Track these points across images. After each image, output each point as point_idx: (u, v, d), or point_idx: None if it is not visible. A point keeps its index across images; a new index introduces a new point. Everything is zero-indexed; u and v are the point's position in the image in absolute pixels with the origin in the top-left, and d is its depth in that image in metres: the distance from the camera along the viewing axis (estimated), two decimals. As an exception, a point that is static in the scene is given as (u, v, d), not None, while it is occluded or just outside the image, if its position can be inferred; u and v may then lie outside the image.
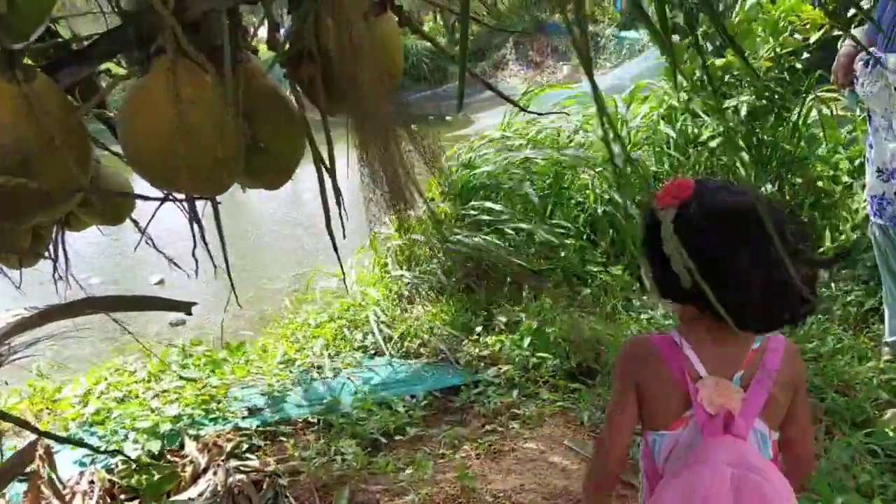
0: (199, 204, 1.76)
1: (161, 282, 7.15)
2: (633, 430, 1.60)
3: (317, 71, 1.62)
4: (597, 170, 4.89)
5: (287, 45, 1.63)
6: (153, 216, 2.14)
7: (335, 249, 1.70)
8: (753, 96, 4.51)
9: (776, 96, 4.57)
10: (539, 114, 1.98)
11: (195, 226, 1.74)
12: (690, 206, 1.44)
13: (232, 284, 1.91)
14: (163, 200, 1.60)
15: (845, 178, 4.57)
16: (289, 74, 1.64)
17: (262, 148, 1.70)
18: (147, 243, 2.73)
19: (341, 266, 1.84)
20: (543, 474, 3.07)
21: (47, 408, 4.04)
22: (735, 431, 1.43)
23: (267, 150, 1.70)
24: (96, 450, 2.88)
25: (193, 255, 1.88)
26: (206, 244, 1.84)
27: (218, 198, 1.71)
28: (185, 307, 2.88)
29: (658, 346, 1.55)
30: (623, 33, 19.67)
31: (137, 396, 3.90)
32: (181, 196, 1.89)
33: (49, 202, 1.45)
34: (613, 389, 1.68)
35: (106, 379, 4.09)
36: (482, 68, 19.10)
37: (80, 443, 2.59)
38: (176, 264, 2.73)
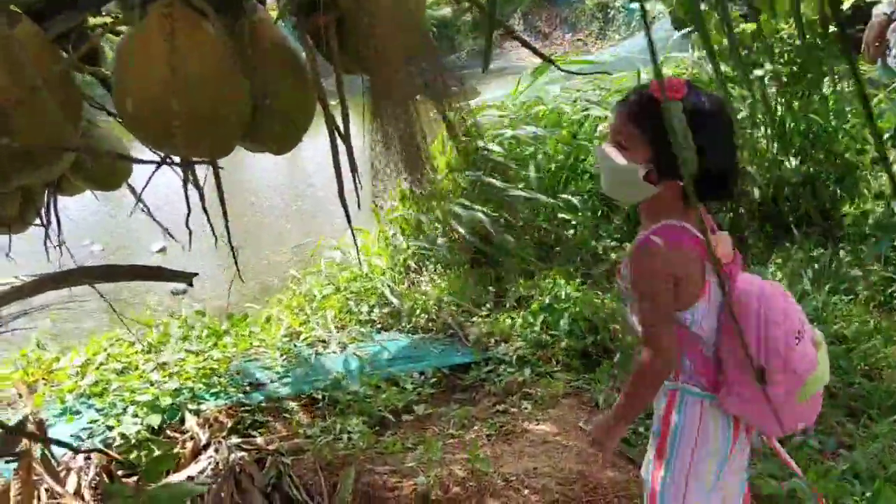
0: (200, 170, 1.62)
1: (163, 249, 7.01)
2: None
3: (331, 21, 1.46)
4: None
5: (298, -8, 1.48)
6: (148, 181, 2.00)
7: (348, 219, 1.55)
8: (783, 65, 4.31)
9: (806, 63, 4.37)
10: (576, 73, 1.83)
11: (196, 192, 1.60)
12: (684, 101, 1.71)
13: (234, 254, 1.78)
14: (159, 164, 1.45)
15: (873, 153, 4.40)
16: (298, 24, 1.49)
17: (270, 107, 1.55)
18: (142, 210, 2.60)
19: (353, 236, 1.70)
20: (557, 457, 2.95)
21: (43, 378, 3.92)
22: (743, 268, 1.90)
23: (274, 110, 1.55)
24: (75, 449, 2.75)
25: (187, 224, 1.74)
26: (206, 212, 1.71)
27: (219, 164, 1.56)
28: (186, 277, 2.75)
29: (680, 235, 1.76)
30: (632, 4, 19.25)
31: (137, 368, 3.78)
32: (179, 159, 1.75)
33: (33, 162, 1.30)
34: (650, 289, 1.78)
35: (105, 350, 3.96)
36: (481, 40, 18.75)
37: (60, 442, 2.44)
38: (171, 235, 2.58)
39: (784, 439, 2.02)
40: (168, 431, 3.25)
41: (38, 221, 2.53)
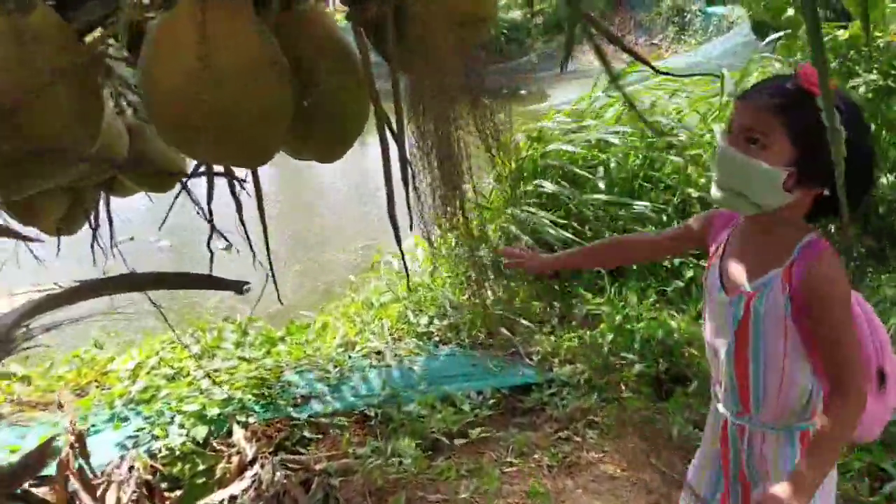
0: (263, 172, 1.46)
1: (228, 247, 6.97)
2: None
3: (387, 13, 1.27)
4: (690, 153, 4.43)
5: (351, -23, 1.28)
6: (209, 197, 1.87)
7: (396, 234, 1.36)
8: (877, 75, 3.96)
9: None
10: (676, 75, 1.63)
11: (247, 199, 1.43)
12: (839, 101, 1.49)
13: (269, 263, 1.62)
14: (189, 176, 1.28)
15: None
16: (351, 16, 1.30)
17: (316, 107, 1.37)
18: (197, 213, 2.46)
19: (401, 252, 1.50)
20: (625, 497, 2.70)
21: (96, 380, 3.86)
22: None
23: (322, 111, 1.36)
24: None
25: (245, 228, 1.59)
26: (261, 214, 1.55)
27: (278, 165, 1.39)
28: (237, 286, 2.59)
29: (835, 253, 1.54)
30: (710, 9, 18.73)
31: (188, 375, 3.67)
32: (219, 168, 1.58)
33: (43, 166, 1.15)
34: (845, 317, 1.52)
35: (157, 353, 3.88)
36: (558, 42, 18.44)
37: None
38: (226, 238, 2.49)
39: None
40: (214, 444, 3.12)
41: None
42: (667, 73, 1.30)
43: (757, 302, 1.57)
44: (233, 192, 1.77)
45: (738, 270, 1.63)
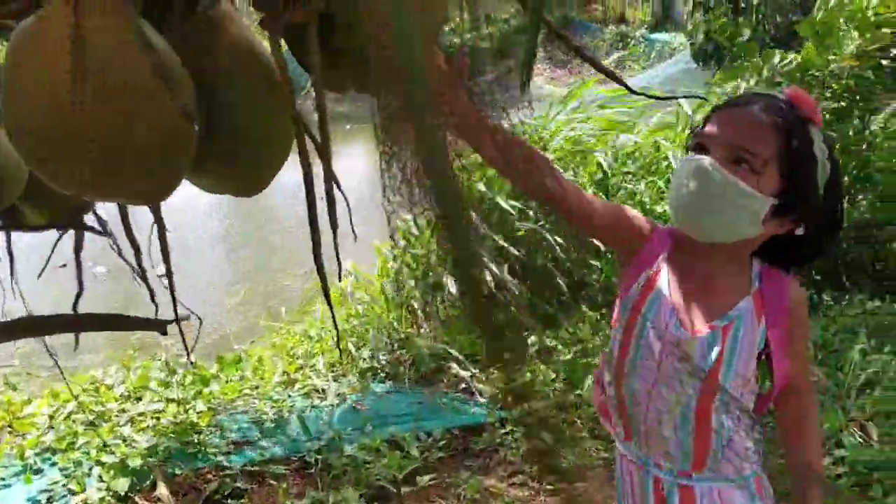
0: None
1: (168, 274, 6.63)
2: None
3: (310, 18, 1.07)
4: (649, 179, 4.32)
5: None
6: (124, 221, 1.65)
7: (324, 283, 1.15)
8: (830, 99, 3.91)
9: (857, 98, 3.96)
10: (652, 97, 1.47)
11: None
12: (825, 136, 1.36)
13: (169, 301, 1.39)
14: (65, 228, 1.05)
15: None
16: (266, 24, 1.09)
17: (227, 130, 1.16)
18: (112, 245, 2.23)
19: (330, 305, 1.29)
20: (586, 549, 2.51)
21: (9, 426, 3.52)
22: None
23: (233, 136, 1.15)
24: None
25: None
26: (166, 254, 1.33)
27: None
28: (158, 326, 2.37)
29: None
30: (654, 35, 19.03)
31: (110, 420, 3.37)
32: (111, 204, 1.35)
33: None
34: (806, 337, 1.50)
35: (77, 398, 3.56)
36: (507, 67, 18.47)
37: None
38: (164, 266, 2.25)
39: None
40: (137, 498, 2.84)
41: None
42: (643, 94, 1.12)
43: (731, 340, 1.37)
44: (159, 220, 1.51)
45: (696, 307, 1.41)
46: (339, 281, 3.98)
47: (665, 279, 1.44)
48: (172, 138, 0.97)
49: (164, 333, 2.34)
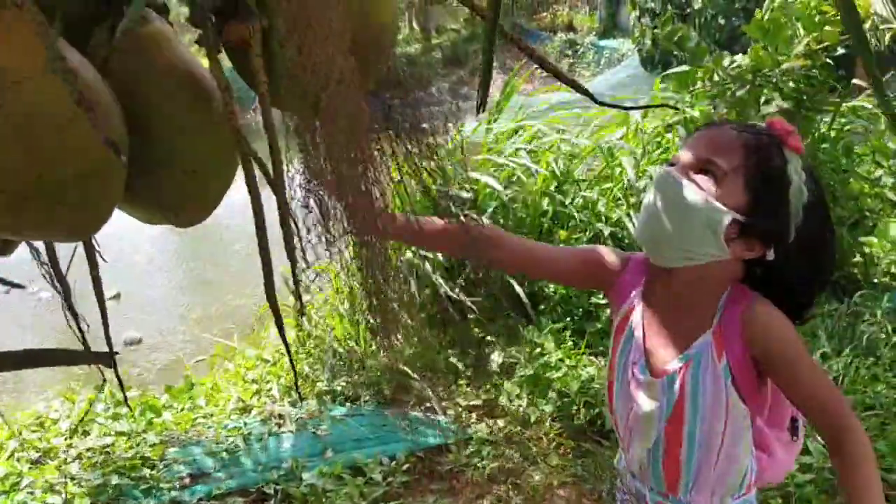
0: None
1: (117, 296, 6.46)
2: None
3: (253, 34, 0.98)
4: (604, 186, 4.29)
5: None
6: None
7: (278, 321, 1.06)
8: (781, 100, 3.92)
9: (804, 98, 3.98)
10: (623, 107, 1.43)
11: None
12: (805, 162, 1.30)
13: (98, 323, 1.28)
14: None
15: (890, 195, 4.01)
16: (203, 41, 1.00)
17: (161, 161, 1.06)
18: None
19: (286, 344, 1.19)
20: (558, 573, 2.44)
21: (-53, 467, 3.33)
22: None
23: (168, 162, 1.05)
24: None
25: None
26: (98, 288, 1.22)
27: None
28: (102, 359, 2.23)
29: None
30: (602, 42, 19.25)
31: (56, 457, 3.21)
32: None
33: None
34: (808, 356, 1.30)
35: (19, 434, 3.38)
36: (459, 76, 18.50)
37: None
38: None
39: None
40: (85, 541, 2.69)
41: None
42: (610, 105, 1.06)
43: (691, 380, 1.32)
44: (89, 252, 1.40)
45: (663, 344, 1.38)
46: (303, 317, 3.87)
47: (638, 317, 1.42)
48: (95, 172, 0.88)
49: (111, 366, 2.21)
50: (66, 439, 3.33)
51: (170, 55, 1.06)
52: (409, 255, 3.85)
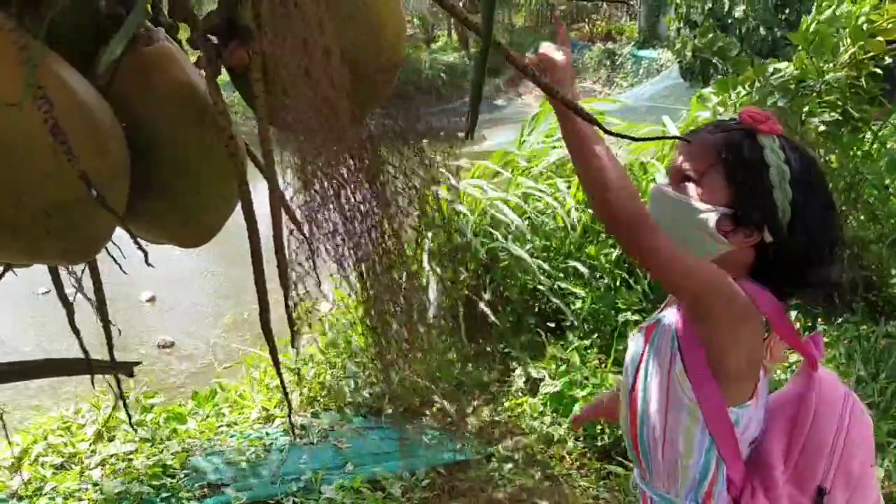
0: None
1: (152, 299, 6.55)
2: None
3: (252, 57, 0.96)
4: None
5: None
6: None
7: (272, 350, 1.03)
8: (827, 110, 3.81)
9: (849, 109, 3.87)
10: (632, 138, 1.38)
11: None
12: (784, 143, 1.32)
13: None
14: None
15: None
16: (202, 63, 0.98)
17: (164, 184, 1.05)
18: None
19: (279, 373, 1.17)
20: None
21: (-24, 469, 3.37)
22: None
23: (167, 190, 1.04)
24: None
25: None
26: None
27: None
28: (124, 368, 2.24)
29: (758, 290, 1.29)
30: (641, 52, 19.09)
31: (81, 462, 3.23)
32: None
33: None
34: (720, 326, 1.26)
35: (45, 438, 3.41)
36: (496, 85, 18.47)
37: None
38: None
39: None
40: (104, 549, 2.70)
41: None
42: (612, 133, 1.02)
43: (652, 337, 1.37)
44: (94, 274, 1.40)
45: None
46: (295, 350, 3.85)
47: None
48: (79, 200, 0.86)
49: (131, 376, 2.22)
50: (90, 445, 3.36)
51: (174, 75, 1.05)
52: (431, 268, 3.82)
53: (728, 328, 1.25)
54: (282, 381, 1.10)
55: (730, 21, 12.31)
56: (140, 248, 1.01)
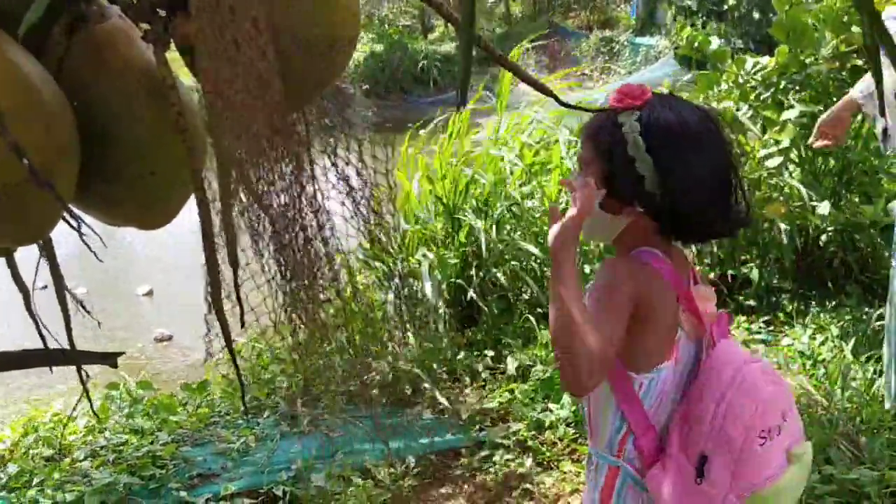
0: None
1: (150, 292, 6.54)
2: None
3: (198, 30, 0.94)
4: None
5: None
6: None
7: (225, 332, 1.02)
8: (810, 102, 3.80)
9: (833, 100, 3.85)
10: (575, 108, 1.38)
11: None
12: (644, 114, 1.40)
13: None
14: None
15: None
16: (150, 37, 0.96)
17: (118, 162, 1.03)
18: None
19: (235, 363, 1.16)
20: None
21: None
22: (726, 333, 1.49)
23: (121, 171, 1.02)
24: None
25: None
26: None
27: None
28: (107, 359, 2.24)
29: (649, 256, 1.43)
30: (638, 39, 18.99)
31: (70, 454, 3.22)
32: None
33: None
34: (606, 300, 1.36)
35: (36, 430, 3.41)
36: (493, 73, 18.39)
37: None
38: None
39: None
40: (92, 540, 2.69)
41: None
42: (569, 106, 1.03)
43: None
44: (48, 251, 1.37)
45: None
46: (243, 327, 3.83)
47: None
48: (25, 183, 0.84)
49: (115, 367, 2.20)
50: (81, 437, 3.35)
51: (126, 53, 1.03)
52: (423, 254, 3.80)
53: (638, 331, 1.37)
54: (234, 360, 1.08)
55: (725, 7, 12.23)
56: (78, 232, 0.98)
